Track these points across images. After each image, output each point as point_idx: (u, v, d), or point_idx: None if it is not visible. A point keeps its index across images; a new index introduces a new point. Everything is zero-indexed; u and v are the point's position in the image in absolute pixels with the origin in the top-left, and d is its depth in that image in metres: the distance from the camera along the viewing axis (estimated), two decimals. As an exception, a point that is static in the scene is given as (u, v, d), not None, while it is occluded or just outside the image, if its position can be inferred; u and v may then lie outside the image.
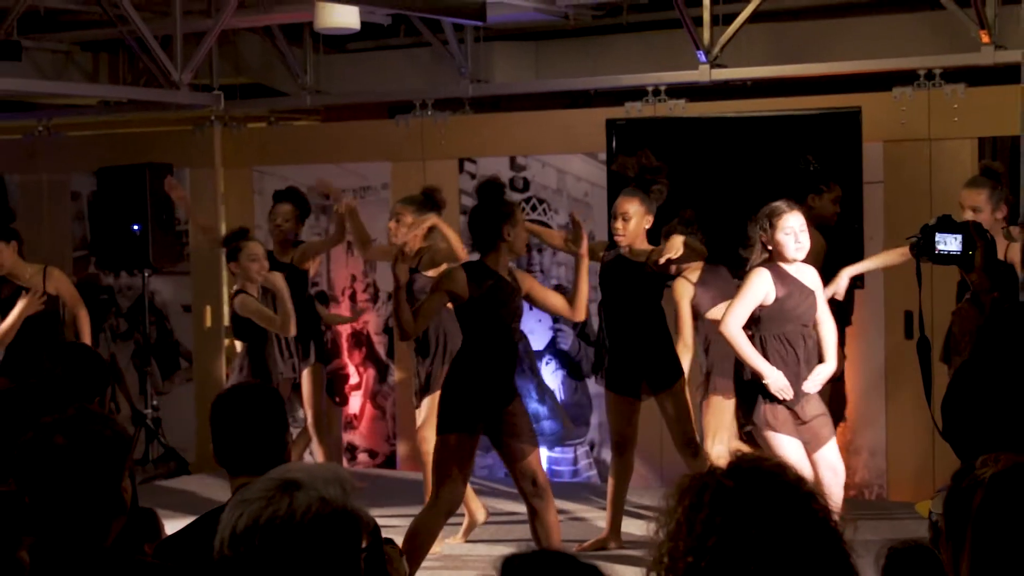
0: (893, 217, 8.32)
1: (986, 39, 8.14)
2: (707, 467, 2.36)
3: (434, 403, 6.80)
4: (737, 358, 6.71)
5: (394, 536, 4.27)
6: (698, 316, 7.71)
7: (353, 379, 9.98)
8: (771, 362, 6.56)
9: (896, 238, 7.64)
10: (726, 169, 8.26)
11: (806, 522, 2.26)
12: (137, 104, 10.47)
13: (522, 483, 6.29)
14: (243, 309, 7.66)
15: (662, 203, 7.34)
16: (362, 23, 8.93)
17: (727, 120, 8.63)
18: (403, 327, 6.26)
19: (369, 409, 9.95)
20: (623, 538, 7.44)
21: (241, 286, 7.76)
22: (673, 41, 9.27)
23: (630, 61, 9.63)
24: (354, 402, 9.95)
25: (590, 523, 8.08)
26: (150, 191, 9.65)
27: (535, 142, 9.44)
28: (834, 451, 6.68)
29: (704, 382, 7.74)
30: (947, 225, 4.71)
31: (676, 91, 8.99)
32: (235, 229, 8.16)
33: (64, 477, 2.99)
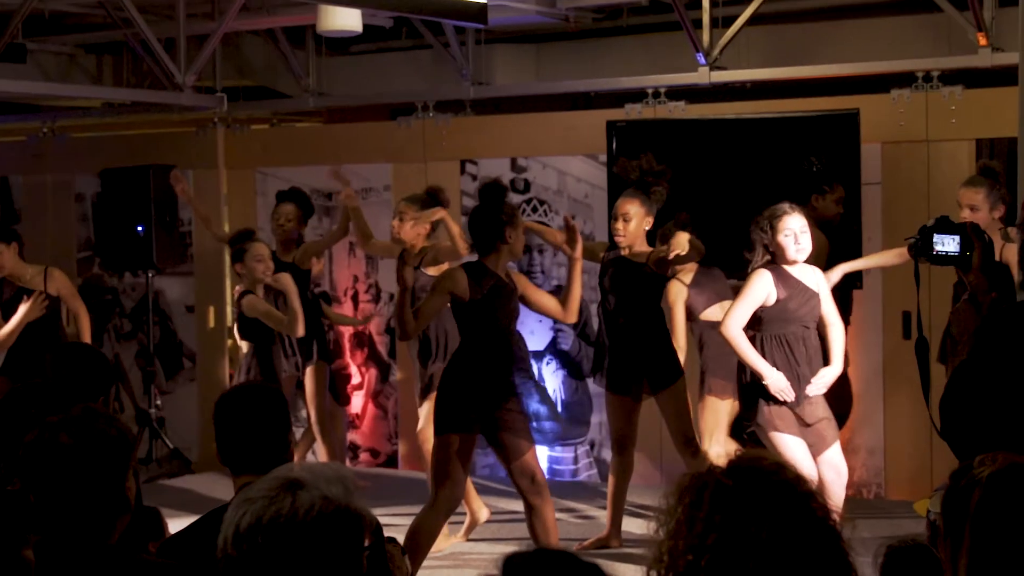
0: (891, 218, 8.31)
1: (983, 41, 8.14)
2: (707, 466, 2.37)
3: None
4: (738, 360, 6.74)
5: (396, 535, 4.29)
6: (692, 317, 7.74)
7: (355, 379, 9.96)
8: (773, 363, 6.56)
9: (894, 239, 7.63)
10: (725, 170, 8.24)
11: (805, 521, 2.26)
12: (141, 106, 10.51)
13: (520, 481, 6.30)
14: (252, 310, 7.65)
15: (662, 206, 7.36)
16: (364, 26, 8.95)
17: (726, 122, 8.61)
18: (404, 327, 6.29)
19: (371, 409, 9.94)
20: (623, 536, 7.44)
21: (247, 287, 7.77)
22: (673, 43, 9.28)
23: (630, 63, 9.64)
24: (356, 402, 9.93)
25: (590, 522, 8.08)
26: (154, 192, 9.66)
27: (536, 144, 9.44)
28: (838, 452, 6.68)
29: (699, 383, 7.76)
30: (945, 226, 4.70)
31: (676, 93, 8.99)
32: (240, 230, 8.14)
33: (69, 476, 2.98)
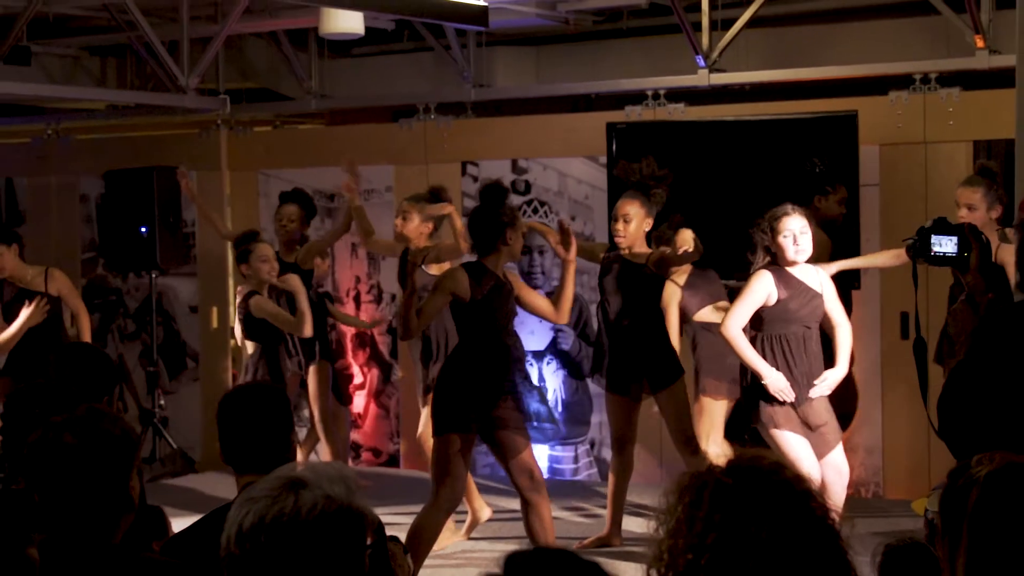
0: (889, 219, 8.32)
1: (981, 44, 8.16)
2: (706, 465, 2.38)
3: None
4: (740, 361, 6.77)
5: (398, 534, 4.32)
6: (686, 318, 7.78)
7: (357, 379, 9.98)
8: (773, 363, 6.58)
9: (892, 240, 7.65)
10: (724, 172, 8.27)
11: (804, 519, 2.26)
12: (144, 108, 10.53)
13: (519, 478, 6.33)
14: (260, 311, 7.67)
15: (661, 208, 7.40)
16: (366, 28, 8.95)
17: (726, 124, 8.64)
18: (408, 326, 6.34)
19: (373, 408, 9.95)
20: (624, 535, 7.45)
21: (253, 287, 7.79)
22: (672, 46, 9.30)
23: (630, 65, 9.66)
24: (358, 402, 9.94)
25: (591, 521, 8.10)
26: (157, 194, 9.67)
27: (536, 145, 9.46)
28: (840, 453, 6.69)
29: (694, 384, 7.77)
30: (943, 227, 4.65)
31: (675, 95, 9.00)
32: (245, 231, 8.15)
33: (73, 475, 2.98)
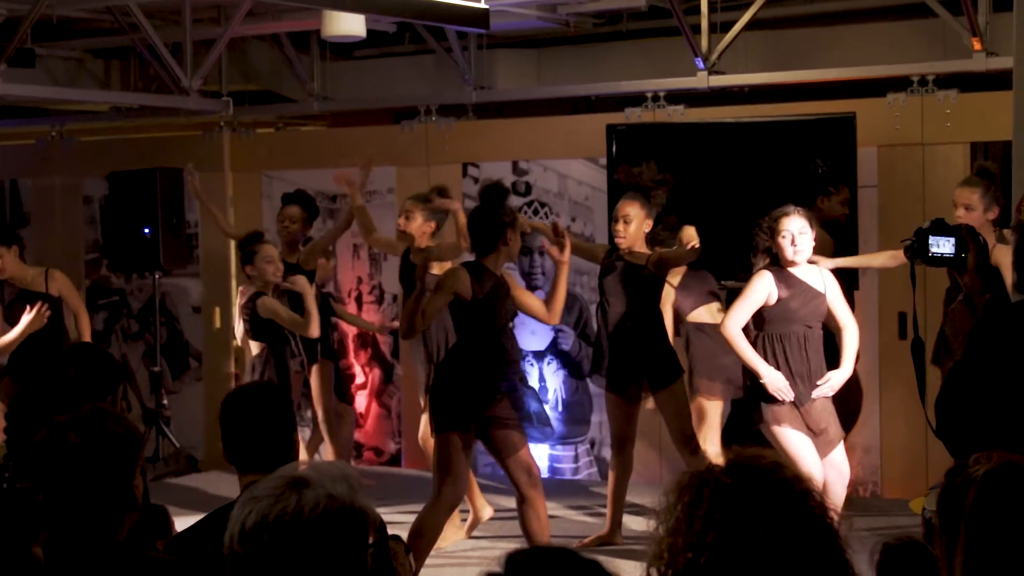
0: (887, 220, 8.35)
1: (978, 46, 8.18)
2: (706, 464, 2.38)
3: None
4: (741, 363, 6.79)
5: (400, 532, 4.36)
6: (679, 319, 7.82)
7: (359, 379, 10.01)
8: (775, 362, 6.60)
9: (890, 241, 7.64)
10: (723, 173, 8.30)
11: (803, 518, 2.26)
12: (148, 110, 10.54)
13: (518, 475, 6.38)
14: (268, 312, 7.69)
15: (660, 211, 7.44)
16: (368, 31, 8.98)
17: (725, 125, 8.68)
18: (413, 325, 6.40)
19: (375, 408, 9.98)
20: (624, 534, 7.48)
21: (259, 289, 7.81)
22: (672, 48, 9.33)
23: (630, 68, 9.69)
24: (360, 401, 9.95)
25: (591, 520, 8.13)
26: (161, 195, 9.71)
27: (537, 147, 9.49)
28: (841, 453, 6.71)
29: (688, 385, 7.77)
30: (940, 228, 4.65)
31: (675, 97, 9.03)
32: (249, 232, 8.15)
33: (78, 474, 2.99)
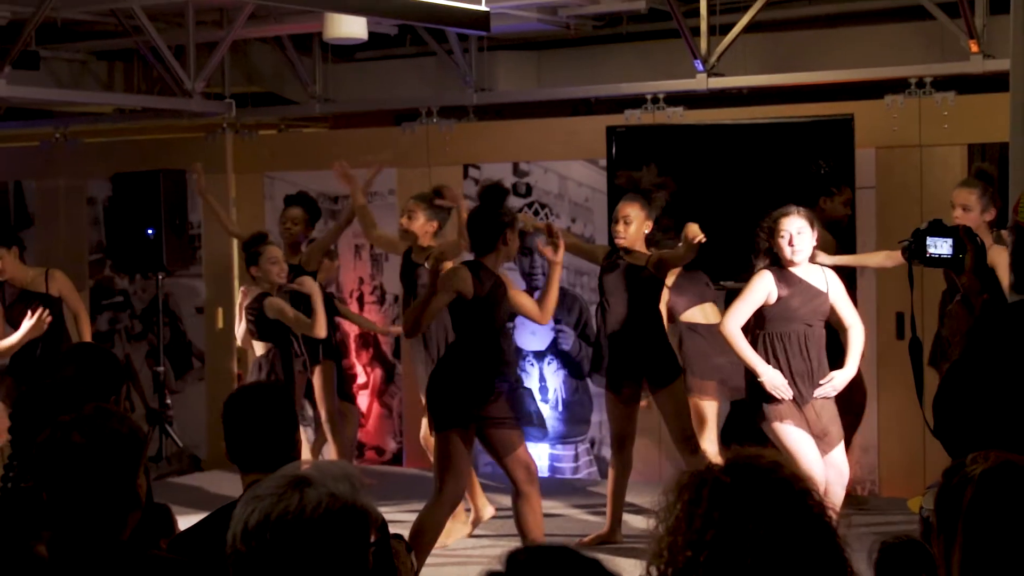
0: (885, 221, 8.38)
1: (975, 48, 8.22)
2: (705, 463, 2.39)
3: None
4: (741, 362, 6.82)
5: (402, 531, 4.39)
6: (672, 319, 7.87)
7: (361, 378, 10.04)
8: (775, 361, 6.62)
9: (888, 242, 7.67)
10: (722, 175, 8.34)
11: (801, 517, 2.27)
12: (151, 112, 10.58)
13: (517, 472, 6.43)
14: (275, 312, 7.71)
15: (659, 214, 7.48)
16: (369, 33, 9.01)
17: (724, 127, 8.71)
18: (419, 324, 6.49)
19: (376, 408, 10.01)
20: (624, 532, 7.52)
21: (265, 290, 7.83)
22: (671, 51, 9.36)
23: (630, 70, 9.72)
24: (362, 401, 9.98)
25: (591, 519, 8.16)
26: (164, 196, 9.76)
27: (537, 148, 9.52)
28: (841, 453, 6.73)
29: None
30: (938, 229, 4.66)
31: (674, 99, 9.06)
32: (254, 234, 8.17)
33: (82, 474, 3.00)
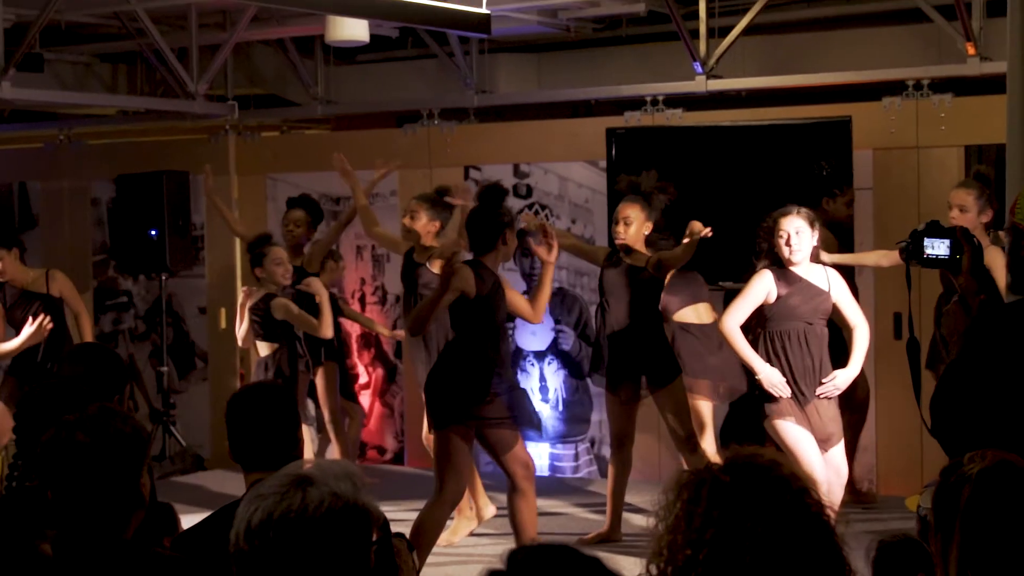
0: (882, 222, 8.41)
1: (972, 51, 8.25)
2: (705, 462, 2.42)
3: None
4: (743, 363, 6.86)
5: (403, 530, 4.44)
6: (665, 319, 7.91)
7: (362, 378, 10.07)
8: (775, 360, 6.65)
9: (886, 243, 7.71)
10: (721, 176, 8.38)
11: (800, 516, 2.29)
12: (154, 114, 10.62)
13: (515, 468, 6.47)
14: (284, 313, 7.73)
15: (659, 217, 7.54)
16: (371, 36, 9.04)
17: (722, 129, 8.75)
18: (424, 324, 6.57)
19: (378, 407, 10.05)
20: (624, 531, 7.56)
21: (270, 291, 7.84)
22: (670, 53, 9.40)
23: (629, 72, 9.75)
24: (363, 401, 10.00)
25: (591, 518, 8.20)
26: (167, 197, 9.79)
27: (538, 150, 9.55)
28: (840, 453, 6.75)
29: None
30: (935, 230, 4.67)
31: (674, 101, 9.09)
32: (258, 235, 8.18)
33: (85, 473, 3.01)
